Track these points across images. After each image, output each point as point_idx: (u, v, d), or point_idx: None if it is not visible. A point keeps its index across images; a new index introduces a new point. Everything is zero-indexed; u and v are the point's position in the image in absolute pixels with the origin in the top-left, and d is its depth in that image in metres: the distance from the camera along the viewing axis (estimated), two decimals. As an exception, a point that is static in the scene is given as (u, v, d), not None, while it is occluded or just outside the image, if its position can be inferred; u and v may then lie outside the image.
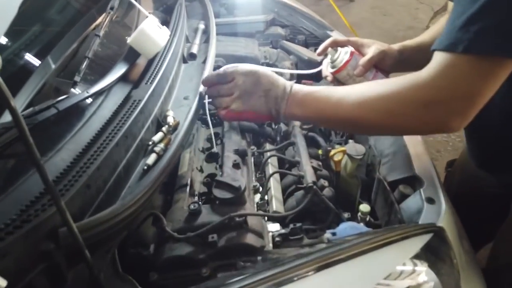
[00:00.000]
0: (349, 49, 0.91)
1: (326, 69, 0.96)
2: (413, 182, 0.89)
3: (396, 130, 0.73)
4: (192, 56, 1.19)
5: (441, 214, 0.77)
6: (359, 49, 0.93)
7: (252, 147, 1.17)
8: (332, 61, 0.92)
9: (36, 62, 0.98)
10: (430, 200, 0.80)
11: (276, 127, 1.23)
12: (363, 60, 0.89)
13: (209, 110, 1.36)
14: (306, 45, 1.64)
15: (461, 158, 1.25)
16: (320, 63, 0.96)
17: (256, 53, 1.48)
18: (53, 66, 0.96)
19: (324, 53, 0.94)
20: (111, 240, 0.65)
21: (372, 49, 0.90)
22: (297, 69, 1.46)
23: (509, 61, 0.60)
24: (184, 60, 1.18)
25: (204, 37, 1.33)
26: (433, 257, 0.68)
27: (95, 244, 0.59)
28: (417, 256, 0.67)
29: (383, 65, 0.91)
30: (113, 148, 0.69)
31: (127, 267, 0.70)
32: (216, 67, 1.36)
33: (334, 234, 0.81)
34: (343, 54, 0.90)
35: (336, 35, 1.56)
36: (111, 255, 0.67)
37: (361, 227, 0.84)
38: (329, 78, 0.96)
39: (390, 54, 0.91)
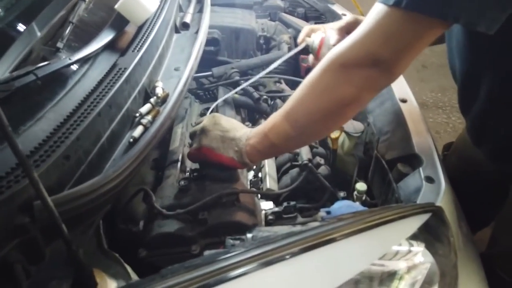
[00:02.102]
0: (320, 32, 0.94)
1: (311, 60, 0.98)
2: (412, 160, 0.85)
3: (336, 108, 0.70)
4: (185, 26, 1.14)
5: (440, 194, 0.74)
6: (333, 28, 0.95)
7: (247, 123, 1.13)
8: (311, 48, 0.94)
9: (20, 28, 0.92)
10: (430, 179, 0.77)
11: (272, 102, 1.19)
12: (333, 30, 0.91)
13: (203, 85, 1.33)
14: (306, 18, 1.58)
15: (458, 142, 1.21)
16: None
17: (253, 25, 1.42)
18: (38, 34, 0.91)
19: (303, 42, 0.97)
20: (93, 214, 0.62)
21: (344, 19, 0.92)
22: (295, 43, 1.41)
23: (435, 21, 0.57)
24: (176, 30, 1.12)
25: (198, 6, 1.27)
26: (431, 238, 0.66)
27: (75, 218, 0.55)
28: (414, 237, 0.64)
29: None
30: (95, 117, 0.65)
31: (117, 243, 0.67)
32: (210, 39, 1.31)
33: (328, 212, 0.79)
34: (316, 37, 0.93)
35: (337, 9, 1.50)
36: (94, 230, 0.64)
37: (357, 206, 0.81)
38: (315, 62, 0.96)
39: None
